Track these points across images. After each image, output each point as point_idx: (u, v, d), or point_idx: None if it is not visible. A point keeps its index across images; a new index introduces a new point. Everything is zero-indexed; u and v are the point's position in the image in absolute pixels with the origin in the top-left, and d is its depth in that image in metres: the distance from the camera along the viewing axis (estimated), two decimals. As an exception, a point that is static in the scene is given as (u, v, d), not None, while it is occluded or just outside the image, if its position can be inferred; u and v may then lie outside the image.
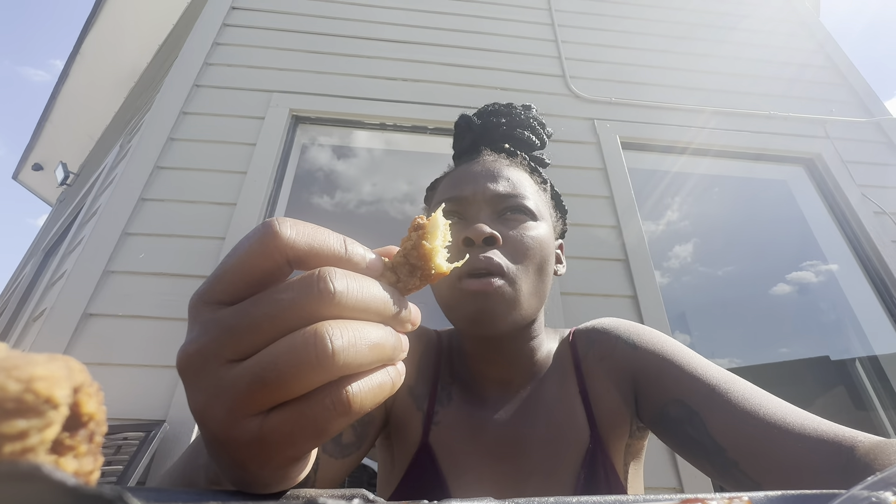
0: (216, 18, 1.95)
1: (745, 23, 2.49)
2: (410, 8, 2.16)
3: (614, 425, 0.47)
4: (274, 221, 0.18)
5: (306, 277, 0.17)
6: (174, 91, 1.72)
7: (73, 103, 3.45)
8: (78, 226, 1.95)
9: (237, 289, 0.18)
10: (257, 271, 0.18)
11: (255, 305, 0.17)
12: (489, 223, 0.45)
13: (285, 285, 0.17)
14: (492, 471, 0.46)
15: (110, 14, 2.92)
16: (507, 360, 0.49)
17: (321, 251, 0.19)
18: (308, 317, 0.17)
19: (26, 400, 0.11)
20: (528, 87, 1.98)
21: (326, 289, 0.17)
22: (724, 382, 0.41)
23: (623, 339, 0.49)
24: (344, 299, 0.17)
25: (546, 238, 0.47)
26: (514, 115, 0.58)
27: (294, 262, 0.18)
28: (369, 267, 0.20)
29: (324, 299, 0.17)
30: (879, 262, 1.73)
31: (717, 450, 0.38)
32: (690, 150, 1.94)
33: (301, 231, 0.18)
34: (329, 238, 0.19)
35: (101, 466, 0.14)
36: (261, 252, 0.18)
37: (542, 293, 0.47)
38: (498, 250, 0.44)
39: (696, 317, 3.06)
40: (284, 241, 0.18)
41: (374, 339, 0.18)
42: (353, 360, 0.17)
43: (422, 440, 0.48)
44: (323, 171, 2.69)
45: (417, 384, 0.52)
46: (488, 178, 0.49)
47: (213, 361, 0.17)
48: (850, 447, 0.32)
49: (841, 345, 2.25)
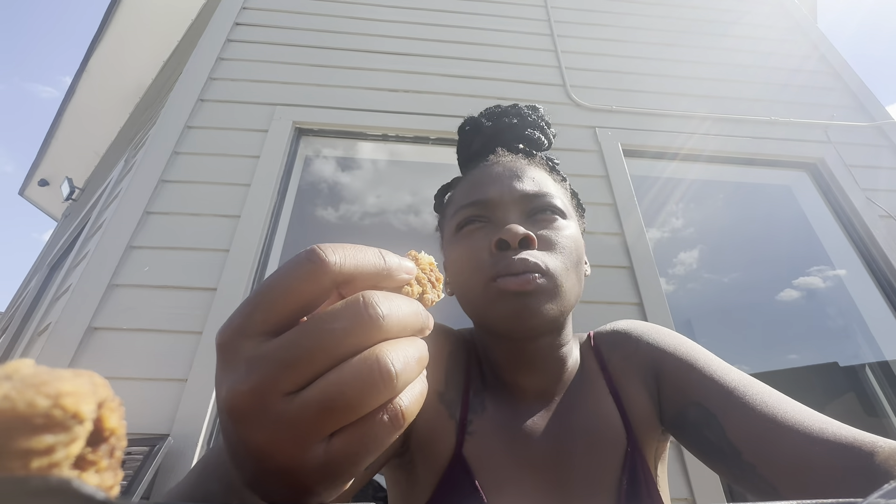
0: (220, 34, 1.98)
1: (744, 29, 2.52)
2: (411, 21, 2.19)
3: (647, 424, 0.46)
4: (318, 248, 0.18)
5: (353, 305, 0.18)
6: (179, 106, 1.75)
7: (79, 120, 3.50)
8: (83, 240, 1.96)
9: (281, 319, 0.18)
10: (303, 299, 0.18)
11: (306, 337, 0.17)
12: (520, 224, 0.44)
13: (332, 314, 0.17)
14: (533, 484, 0.44)
15: (116, 31, 2.98)
16: (540, 367, 0.48)
17: (366, 272, 0.19)
18: (361, 344, 0.17)
19: (54, 415, 0.11)
20: (528, 96, 2.00)
21: (376, 315, 0.18)
22: (743, 385, 0.40)
23: (644, 340, 0.49)
24: (389, 322, 0.18)
25: (577, 237, 0.47)
26: (523, 116, 0.57)
27: (342, 286, 0.19)
28: (409, 274, 0.21)
29: (374, 325, 0.18)
30: (887, 266, 1.71)
31: (734, 453, 0.37)
32: (692, 156, 1.95)
33: (345, 255, 0.19)
34: (370, 257, 0.20)
35: (120, 482, 0.14)
36: (309, 279, 0.18)
37: (577, 292, 0.45)
38: (533, 251, 0.42)
39: (703, 324, 3.04)
40: (332, 267, 0.18)
41: (419, 356, 0.19)
42: (409, 379, 0.18)
43: (455, 451, 0.45)
44: (327, 183, 2.71)
45: (448, 389, 0.49)
46: (512, 177, 0.47)
47: (272, 397, 0.16)
48: (869, 452, 0.31)
49: (850, 350, 2.22)
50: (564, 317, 0.44)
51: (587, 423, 0.46)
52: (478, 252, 0.44)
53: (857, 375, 2.09)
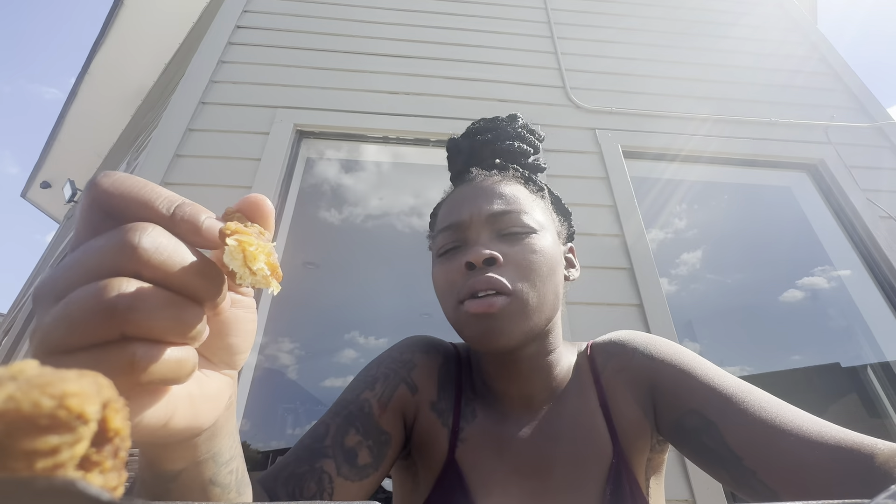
0: (222, 37, 1.99)
1: (744, 30, 2.52)
2: (411, 24, 2.20)
3: (636, 438, 0.46)
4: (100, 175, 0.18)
5: (117, 229, 0.17)
6: (180, 108, 1.75)
7: (82, 122, 3.51)
8: (85, 242, 1.96)
9: (80, 238, 0.18)
10: (90, 223, 0.18)
11: (75, 250, 0.17)
12: (489, 244, 0.45)
13: (104, 234, 0.17)
14: (519, 488, 0.45)
15: (118, 34, 2.99)
16: (526, 376, 0.49)
17: (137, 200, 0.18)
18: (110, 266, 0.16)
19: (59, 416, 0.11)
20: (528, 98, 2.00)
21: (129, 241, 0.16)
22: (740, 392, 0.40)
23: (640, 351, 0.49)
24: (145, 252, 0.17)
25: (549, 248, 0.47)
26: (499, 129, 0.57)
27: (115, 213, 0.18)
28: (167, 202, 0.18)
29: (126, 249, 0.16)
30: (888, 267, 1.71)
31: (735, 459, 0.37)
32: (692, 157, 1.95)
33: (121, 180, 0.18)
34: (148, 190, 0.18)
35: (124, 482, 0.15)
36: (86, 202, 0.18)
37: (553, 303, 0.46)
38: (500, 269, 0.43)
39: (705, 324, 3.04)
40: (101, 191, 0.18)
41: (171, 306, 0.17)
42: (150, 325, 0.16)
43: (448, 457, 0.48)
44: (329, 185, 2.71)
45: (440, 399, 0.52)
46: (481, 198, 0.48)
47: (46, 299, 0.17)
48: (869, 455, 0.32)
49: (852, 351, 2.22)
50: (538, 329, 0.45)
51: (572, 433, 0.47)
52: (450, 274, 0.46)
53: (859, 376, 2.08)
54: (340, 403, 0.47)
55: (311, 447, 0.43)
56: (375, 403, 0.47)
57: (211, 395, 0.22)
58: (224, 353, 0.23)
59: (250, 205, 0.21)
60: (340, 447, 0.43)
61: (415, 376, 0.51)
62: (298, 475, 0.40)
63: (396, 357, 0.53)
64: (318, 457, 0.42)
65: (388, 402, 0.48)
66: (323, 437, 0.44)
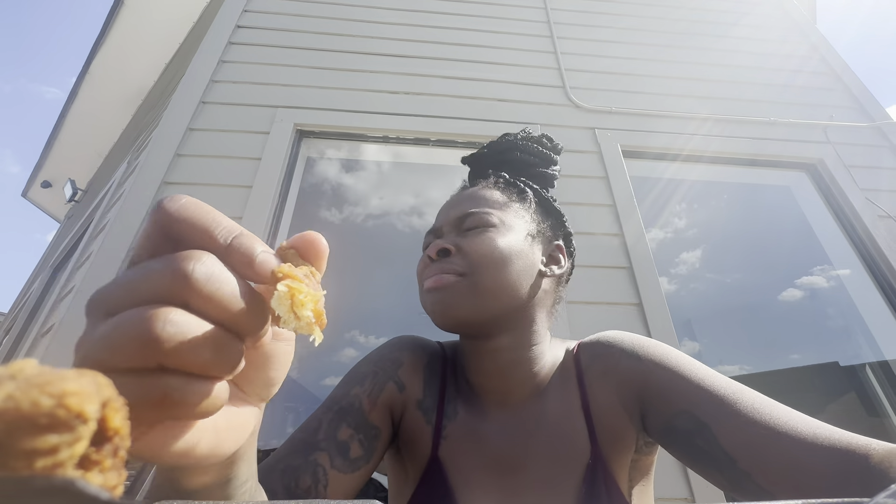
0: (222, 37, 1.99)
1: (743, 30, 2.51)
2: (411, 23, 2.19)
3: (617, 440, 0.46)
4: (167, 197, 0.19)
5: (172, 256, 0.17)
6: (181, 108, 1.75)
7: (82, 121, 3.51)
8: (86, 241, 1.97)
9: (139, 256, 0.19)
10: (150, 243, 0.18)
11: (132, 267, 0.18)
12: (448, 239, 0.51)
13: (161, 258, 0.17)
14: (497, 486, 0.46)
15: (118, 34, 2.99)
16: (503, 369, 0.50)
17: (198, 227, 0.18)
18: (161, 292, 0.16)
19: (58, 415, 0.11)
20: (528, 98, 2.00)
21: (185, 268, 0.16)
22: (733, 393, 0.40)
23: (627, 353, 0.49)
24: (197, 281, 0.16)
25: (509, 241, 0.49)
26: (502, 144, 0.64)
27: (174, 237, 0.18)
28: (227, 232, 0.18)
29: (178, 277, 0.16)
30: (886, 266, 1.71)
31: (729, 461, 0.37)
32: (692, 157, 1.95)
33: (185, 206, 0.18)
34: (210, 219, 0.18)
35: (124, 481, 0.15)
36: (150, 223, 0.19)
37: (515, 292, 0.48)
38: (455, 257, 0.49)
39: (704, 323, 3.03)
40: (165, 215, 0.18)
41: (213, 343, 0.17)
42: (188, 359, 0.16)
43: (432, 454, 0.49)
44: (329, 185, 2.71)
45: (425, 397, 0.53)
46: (455, 205, 0.55)
47: (96, 313, 0.17)
48: (863, 455, 0.32)
49: (850, 351, 2.21)
50: (492, 311, 0.47)
51: (550, 431, 0.48)
52: (419, 266, 0.53)
53: (858, 375, 2.08)
54: (332, 399, 0.49)
55: (305, 441, 0.44)
56: (365, 399, 0.49)
57: (237, 425, 0.21)
58: (258, 385, 0.23)
59: (305, 243, 0.21)
60: (333, 440, 0.44)
61: (402, 374, 0.53)
62: (293, 468, 0.41)
63: (385, 355, 0.55)
64: (312, 450, 0.43)
65: (378, 398, 0.50)
66: (316, 431, 0.45)
